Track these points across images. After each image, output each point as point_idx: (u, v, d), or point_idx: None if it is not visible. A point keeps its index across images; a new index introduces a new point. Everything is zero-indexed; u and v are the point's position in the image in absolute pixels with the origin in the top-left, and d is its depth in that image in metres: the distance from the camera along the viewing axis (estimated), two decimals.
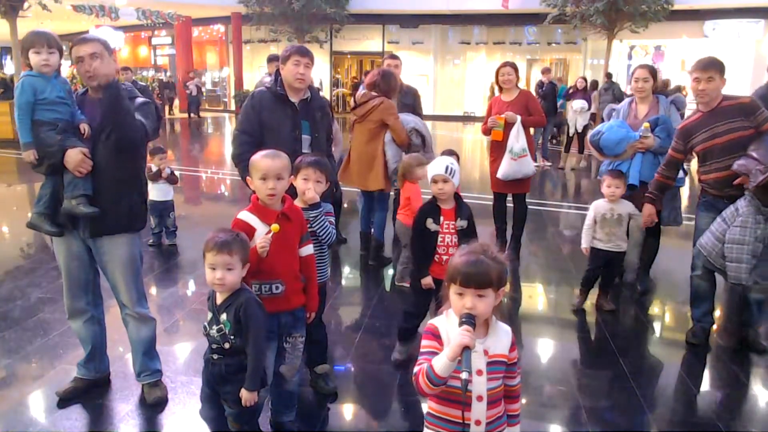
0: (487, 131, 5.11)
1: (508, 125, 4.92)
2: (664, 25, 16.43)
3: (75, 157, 2.56)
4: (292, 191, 2.59)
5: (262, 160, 2.37)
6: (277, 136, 3.24)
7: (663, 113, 4.15)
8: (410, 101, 5.23)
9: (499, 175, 4.98)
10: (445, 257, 2.98)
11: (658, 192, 3.84)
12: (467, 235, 2.97)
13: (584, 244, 4.12)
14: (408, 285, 4.02)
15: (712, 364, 3.55)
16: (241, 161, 3.16)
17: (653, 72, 4.22)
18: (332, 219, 2.86)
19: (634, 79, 4.24)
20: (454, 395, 1.65)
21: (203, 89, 19.30)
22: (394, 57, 5.42)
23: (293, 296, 2.47)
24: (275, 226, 2.29)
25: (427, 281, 3.04)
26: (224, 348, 2.21)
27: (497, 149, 5.05)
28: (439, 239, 2.98)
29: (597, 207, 4.07)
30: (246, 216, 2.38)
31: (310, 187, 2.70)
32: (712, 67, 3.39)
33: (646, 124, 4.06)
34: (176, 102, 21.32)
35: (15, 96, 2.63)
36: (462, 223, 2.99)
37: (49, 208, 2.67)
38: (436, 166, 2.98)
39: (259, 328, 2.20)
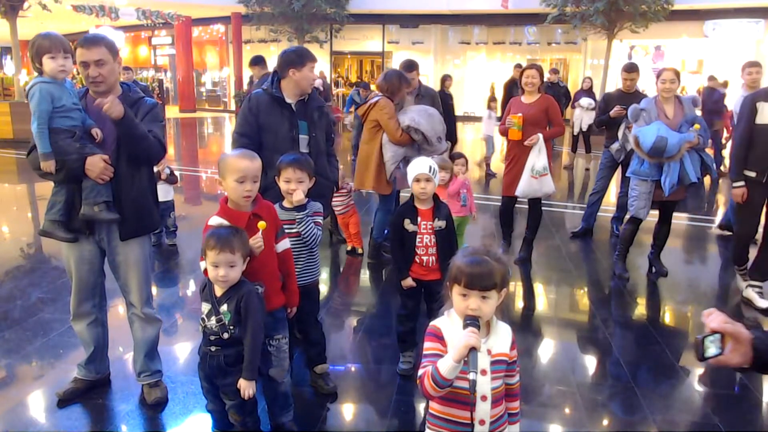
0: (504, 132, 4.98)
1: (527, 126, 4.77)
2: (664, 25, 16.42)
3: (98, 164, 2.54)
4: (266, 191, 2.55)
5: (240, 161, 2.32)
6: (274, 138, 3.25)
7: (689, 111, 4.48)
8: (428, 104, 5.05)
9: (518, 192, 4.91)
10: (425, 258, 2.97)
11: None
12: (445, 236, 2.96)
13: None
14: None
15: (712, 364, 3.55)
16: None
17: (678, 74, 4.53)
18: (319, 219, 2.83)
19: (661, 81, 4.53)
20: (458, 396, 1.65)
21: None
22: (410, 68, 5.16)
23: (273, 296, 2.47)
24: (262, 224, 2.30)
25: (408, 282, 3.02)
26: (223, 338, 2.22)
27: (514, 152, 4.93)
28: (418, 240, 2.96)
29: None
30: (217, 221, 2.34)
31: (295, 188, 2.68)
32: None
33: (697, 126, 4.41)
34: None
35: (31, 104, 2.51)
36: (440, 224, 2.96)
37: (64, 215, 2.63)
38: (419, 166, 2.94)
39: (258, 320, 2.23)
